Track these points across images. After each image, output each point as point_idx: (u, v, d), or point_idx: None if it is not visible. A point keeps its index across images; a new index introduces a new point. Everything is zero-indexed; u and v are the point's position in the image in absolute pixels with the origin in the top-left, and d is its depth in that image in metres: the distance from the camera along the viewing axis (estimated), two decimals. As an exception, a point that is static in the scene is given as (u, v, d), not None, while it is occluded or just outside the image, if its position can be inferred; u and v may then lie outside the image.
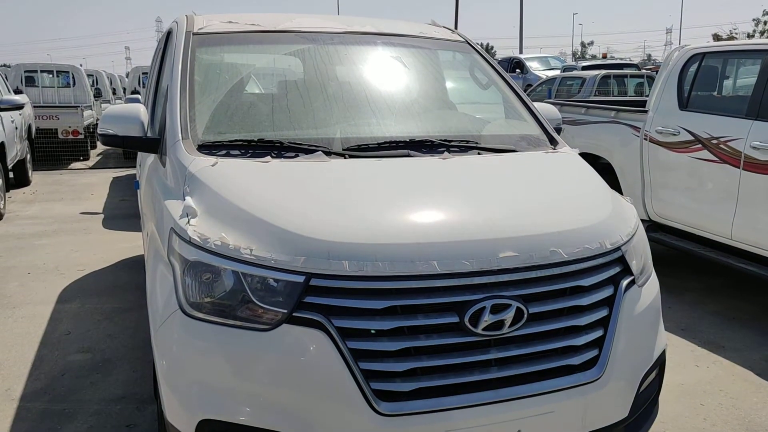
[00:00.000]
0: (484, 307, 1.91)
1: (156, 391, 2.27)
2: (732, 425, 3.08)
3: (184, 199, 2.18)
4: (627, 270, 2.22)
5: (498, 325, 1.93)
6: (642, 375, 2.24)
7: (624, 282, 2.18)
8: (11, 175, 9.29)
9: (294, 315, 1.87)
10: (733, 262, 4.34)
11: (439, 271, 1.91)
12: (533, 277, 2.02)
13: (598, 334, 2.09)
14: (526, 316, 1.96)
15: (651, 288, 2.36)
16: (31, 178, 10.29)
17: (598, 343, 2.09)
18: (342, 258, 1.89)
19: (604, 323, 2.11)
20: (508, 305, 1.94)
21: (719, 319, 4.37)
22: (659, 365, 2.40)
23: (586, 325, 2.08)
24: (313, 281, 1.88)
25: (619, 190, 5.26)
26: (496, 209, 2.18)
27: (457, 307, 1.92)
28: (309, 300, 1.88)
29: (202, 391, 1.95)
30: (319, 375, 1.86)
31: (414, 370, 1.89)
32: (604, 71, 13.17)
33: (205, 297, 1.96)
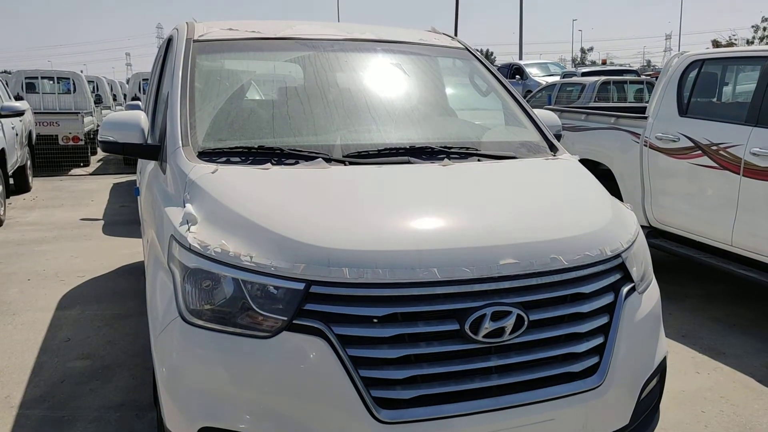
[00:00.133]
0: (484, 315, 1.91)
1: (156, 399, 2.27)
2: (733, 432, 3.07)
3: (184, 206, 2.18)
4: (627, 277, 2.22)
5: (498, 333, 1.93)
6: (643, 382, 2.24)
7: (624, 289, 2.18)
8: (11, 182, 9.29)
9: (294, 322, 1.87)
10: (734, 268, 4.33)
11: (440, 278, 1.91)
12: (534, 284, 2.02)
13: (598, 341, 2.09)
14: (526, 323, 1.96)
15: (651, 295, 2.36)
16: (32, 184, 10.29)
17: (598, 351, 2.09)
18: (342, 265, 1.89)
19: (604, 330, 2.11)
20: (508, 312, 1.94)
21: (720, 326, 4.37)
22: (660, 372, 2.39)
23: (586, 333, 2.08)
24: (313, 288, 1.88)
25: (619, 196, 5.26)
26: (496, 216, 2.18)
27: (458, 315, 1.92)
28: (309, 307, 1.88)
29: (201, 399, 1.94)
30: (319, 382, 1.85)
31: (414, 377, 1.89)
32: (603, 77, 13.17)
33: (205, 304, 1.96)
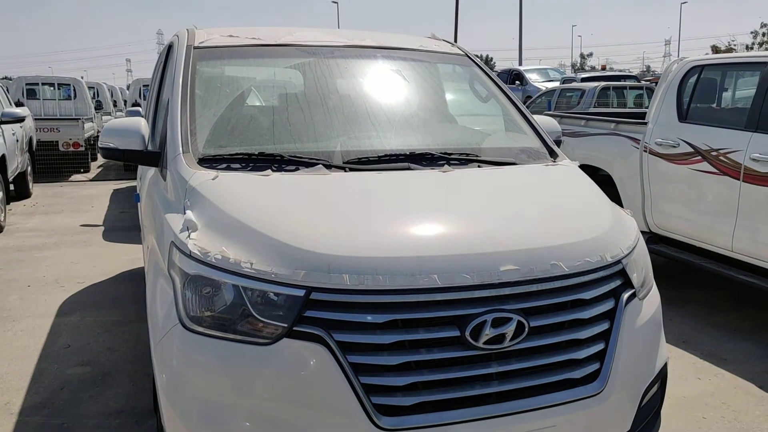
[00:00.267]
0: (485, 321, 1.91)
1: (156, 405, 2.26)
2: (735, 439, 3.07)
3: (184, 213, 2.19)
4: (628, 283, 2.22)
5: (499, 339, 1.93)
6: (644, 388, 2.23)
7: (625, 295, 2.18)
8: (12, 188, 9.30)
9: (294, 329, 1.87)
10: (734, 273, 4.33)
11: (440, 285, 1.91)
12: (534, 291, 2.01)
13: (599, 347, 2.09)
14: (527, 329, 1.96)
15: (652, 301, 2.36)
16: (32, 190, 10.30)
17: (599, 357, 2.09)
18: (342, 271, 1.89)
19: (605, 336, 2.11)
20: (509, 319, 1.93)
21: (721, 332, 4.36)
22: (661, 378, 2.39)
23: (587, 339, 2.07)
24: (314, 295, 1.88)
25: (619, 201, 5.26)
26: (496, 222, 2.18)
27: (458, 321, 1.92)
28: (309, 314, 1.88)
29: (202, 405, 1.94)
30: (320, 389, 1.85)
31: (415, 384, 1.89)
32: (603, 83, 13.20)
33: (206, 311, 1.96)
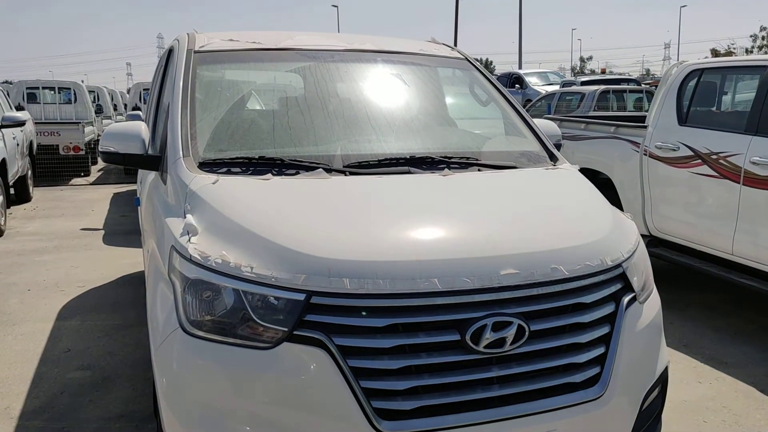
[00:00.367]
0: (485, 325, 1.91)
1: (156, 410, 2.26)
2: (735, 442, 3.06)
3: (184, 217, 2.19)
4: (628, 287, 2.22)
5: (499, 343, 1.93)
6: (644, 392, 2.23)
7: (625, 299, 2.17)
8: (12, 191, 9.30)
9: (294, 333, 1.87)
10: (735, 277, 4.33)
11: (440, 289, 1.91)
12: (534, 295, 2.01)
13: (599, 351, 2.09)
14: (527, 333, 1.96)
15: (652, 304, 2.36)
16: (32, 194, 10.31)
17: (599, 361, 2.09)
18: (343, 276, 1.89)
19: (605, 340, 2.11)
20: (509, 323, 1.93)
21: (721, 335, 4.35)
22: (662, 382, 2.39)
23: (587, 343, 2.07)
24: (314, 299, 1.88)
25: (619, 205, 5.26)
26: (496, 226, 2.18)
27: (459, 325, 1.91)
28: (309, 318, 1.87)
29: (202, 410, 1.94)
30: (320, 394, 1.85)
31: (415, 388, 1.88)
32: (603, 86, 13.20)
33: (206, 315, 1.96)
